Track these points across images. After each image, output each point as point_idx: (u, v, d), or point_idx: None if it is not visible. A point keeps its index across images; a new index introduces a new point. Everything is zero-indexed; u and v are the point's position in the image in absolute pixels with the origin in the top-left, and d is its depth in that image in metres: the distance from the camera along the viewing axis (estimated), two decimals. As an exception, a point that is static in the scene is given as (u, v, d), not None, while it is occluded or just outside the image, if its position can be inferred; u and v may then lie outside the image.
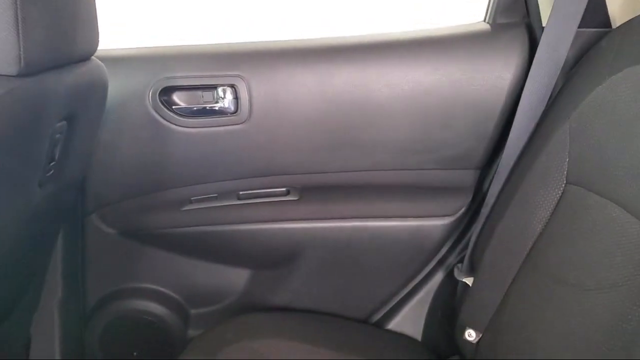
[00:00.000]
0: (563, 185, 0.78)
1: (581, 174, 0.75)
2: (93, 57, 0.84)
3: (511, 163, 0.92)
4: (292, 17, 1.32)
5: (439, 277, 1.12)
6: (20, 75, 0.62)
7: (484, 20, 1.08)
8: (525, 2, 1.01)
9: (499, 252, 0.88)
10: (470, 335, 0.93)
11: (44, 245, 1.01)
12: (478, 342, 0.92)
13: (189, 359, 0.91)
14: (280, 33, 1.08)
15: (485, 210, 0.97)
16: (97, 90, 0.87)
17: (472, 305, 0.92)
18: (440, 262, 1.12)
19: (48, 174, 0.79)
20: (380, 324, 1.16)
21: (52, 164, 0.78)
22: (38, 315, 1.08)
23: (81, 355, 1.15)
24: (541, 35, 0.92)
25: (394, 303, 1.14)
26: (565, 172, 0.78)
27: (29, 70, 0.63)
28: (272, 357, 0.91)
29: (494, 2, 1.05)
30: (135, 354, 1.18)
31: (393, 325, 1.14)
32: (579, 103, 0.79)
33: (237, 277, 1.15)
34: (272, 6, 1.34)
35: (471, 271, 0.97)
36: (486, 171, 1.07)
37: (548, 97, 0.91)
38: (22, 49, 0.61)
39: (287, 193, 1.09)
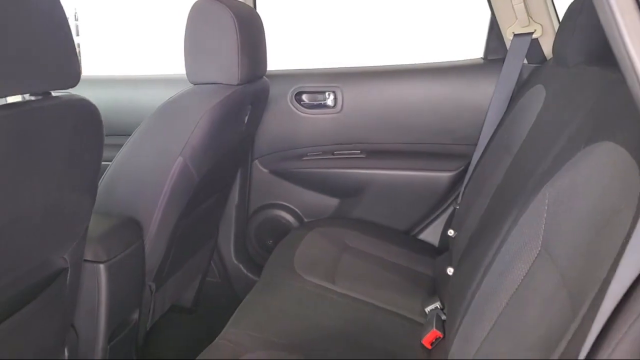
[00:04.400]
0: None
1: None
2: (264, 76, 1.71)
3: (485, 142, 1.67)
4: (361, 53, 2.16)
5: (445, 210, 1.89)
6: (238, 85, 1.46)
7: (482, 57, 1.82)
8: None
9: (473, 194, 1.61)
10: (450, 271, 1.43)
11: (234, 175, 1.91)
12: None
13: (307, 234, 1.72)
14: (358, 61, 1.91)
15: (470, 169, 1.72)
16: (264, 92, 1.74)
17: (455, 249, 1.53)
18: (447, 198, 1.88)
19: (244, 136, 1.68)
20: (407, 232, 1.93)
21: (244, 129, 1.66)
22: (225, 215, 1.98)
23: (244, 239, 2.04)
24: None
25: (416, 219, 1.91)
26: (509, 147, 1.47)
27: (240, 82, 1.47)
28: (346, 238, 1.72)
29: (486, 44, 1.79)
30: (270, 241, 2.05)
31: (417, 234, 1.92)
32: (513, 107, 1.53)
33: (330, 201, 1.99)
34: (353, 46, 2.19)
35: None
36: (473, 148, 1.79)
37: (506, 105, 1.65)
38: (240, 70, 1.43)
39: (359, 153, 1.91)
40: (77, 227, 1.11)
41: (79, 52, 4.94)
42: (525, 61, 1.66)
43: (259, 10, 1.88)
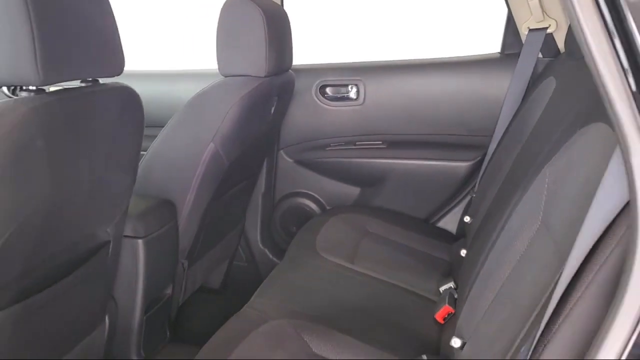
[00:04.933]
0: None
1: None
2: (290, 70, 1.81)
3: (500, 133, 1.74)
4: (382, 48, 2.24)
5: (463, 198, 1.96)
6: (266, 77, 1.57)
7: (498, 51, 1.88)
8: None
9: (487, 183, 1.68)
10: (463, 253, 1.53)
11: (261, 164, 2.01)
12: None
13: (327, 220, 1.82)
14: (379, 55, 2.00)
15: (486, 159, 1.80)
16: (290, 84, 1.84)
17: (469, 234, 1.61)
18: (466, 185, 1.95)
19: (270, 126, 1.78)
20: (426, 220, 2.01)
21: (270, 119, 1.77)
22: (252, 202, 2.09)
23: (269, 225, 2.15)
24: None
25: (435, 208, 1.99)
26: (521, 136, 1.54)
27: (268, 74, 1.57)
28: (367, 224, 1.81)
29: (503, 39, 1.85)
30: (294, 228, 2.14)
31: (436, 222, 2.00)
32: (527, 99, 1.59)
33: (352, 190, 2.08)
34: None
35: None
36: (489, 139, 1.85)
37: (521, 98, 1.71)
38: (267, 63, 1.55)
39: (380, 144, 2.00)
40: (119, 203, 1.23)
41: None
42: (540, 55, 1.72)
43: (286, 7, 1.98)
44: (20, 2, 0.82)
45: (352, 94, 1.98)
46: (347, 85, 1.98)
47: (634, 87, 0.59)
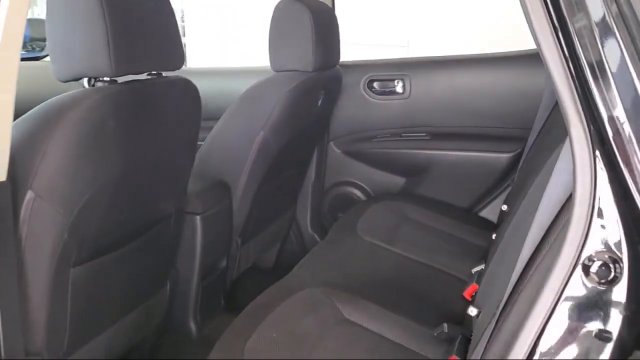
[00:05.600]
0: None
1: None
2: (337, 65, 1.94)
3: (539, 126, 1.80)
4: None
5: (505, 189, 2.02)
6: (312, 71, 1.71)
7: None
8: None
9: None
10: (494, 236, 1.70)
11: (310, 153, 2.16)
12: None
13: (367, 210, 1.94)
14: (427, 51, 2.10)
15: (525, 151, 1.86)
16: (337, 79, 1.97)
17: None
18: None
19: (317, 118, 1.92)
20: (468, 209, 2.09)
21: (317, 111, 1.90)
22: (302, 190, 2.24)
23: (319, 212, 2.29)
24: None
25: (477, 197, 2.06)
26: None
27: (314, 69, 1.72)
28: (408, 211, 1.92)
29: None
30: (341, 215, 2.27)
31: (478, 211, 2.07)
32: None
33: (397, 180, 2.19)
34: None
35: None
36: (529, 131, 1.90)
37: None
38: (314, 58, 1.69)
39: (425, 135, 2.09)
40: (178, 181, 1.41)
41: (185, 51, 5.45)
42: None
43: (337, 8, 2.12)
44: (97, 5, 1.00)
45: (399, 88, 2.09)
46: (393, 80, 2.09)
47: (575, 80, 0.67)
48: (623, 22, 0.63)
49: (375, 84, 2.12)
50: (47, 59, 2.52)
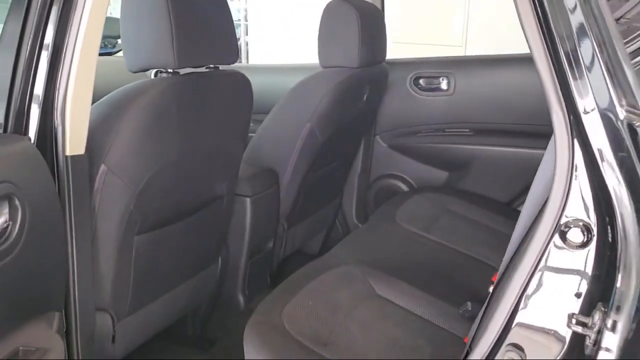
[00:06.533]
0: None
1: None
2: (384, 62, 2.04)
3: None
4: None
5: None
6: (358, 67, 1.82)
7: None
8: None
9: None
10: None
11: (356, 146, 2.27)
12: None
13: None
14: (469, 51, 2.16)
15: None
16: (382, 75, 2.08)
17: None
18: None
19: (363, 112, 2.03)
20: (508, 204, 2.14)
21: (362, 106, 2.01)
22: (349, 181, 2.35)
23: (364, 203, 2.40)
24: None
25: (517, 192, 2.11)
26: None
27: (360, 65, 1.82)
28: (448, 203, 1.99)
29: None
30: (383, 206, 2.37)
31: (518, 206, 2.12)
32: None
33: (440, 173, 2.26)
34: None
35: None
36: None
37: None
38: (359, 55, 1.80)
39: (468, 131, 2.16)
40: (231, 165, 1.56)
41: (247, 50, 5.68)
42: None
43: (390, 8, 2.22)
44: (163, 6, 1.16)
45: (443, 85, 2.17)
46: (438, 77, 2.17)
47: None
48: (595, 23, 0.72)
49: (421, 81, 2.21)
50: (118, 54, 2.76)
